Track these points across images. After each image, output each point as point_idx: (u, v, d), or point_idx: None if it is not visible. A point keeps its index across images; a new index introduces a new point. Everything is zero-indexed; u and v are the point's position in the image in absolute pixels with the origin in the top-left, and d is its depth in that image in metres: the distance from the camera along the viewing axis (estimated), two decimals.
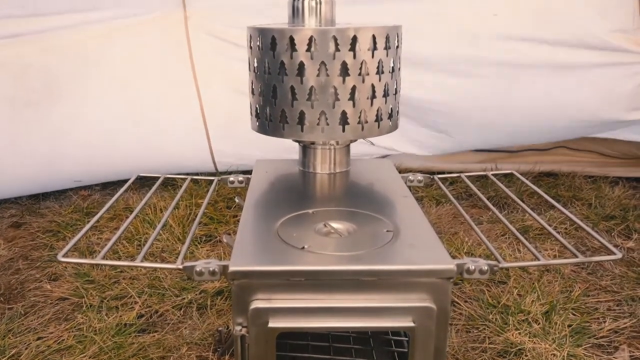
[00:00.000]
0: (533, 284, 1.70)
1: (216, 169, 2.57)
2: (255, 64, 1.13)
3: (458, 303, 1.63)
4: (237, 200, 1.19)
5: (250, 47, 1.14)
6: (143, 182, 2.51)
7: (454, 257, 0.82)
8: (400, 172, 1.24)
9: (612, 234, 2.09)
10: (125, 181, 1.17)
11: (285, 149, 1.81)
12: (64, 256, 0.86)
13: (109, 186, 2.56)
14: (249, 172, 1.27)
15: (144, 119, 2.40)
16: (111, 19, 2.28)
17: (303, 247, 0.86)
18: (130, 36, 2.32)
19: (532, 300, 1.61)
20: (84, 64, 2.31)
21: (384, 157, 2.62)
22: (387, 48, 1.08)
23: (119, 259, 1.89)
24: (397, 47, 1.12)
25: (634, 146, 2.55)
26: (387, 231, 0.92)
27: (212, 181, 1.26)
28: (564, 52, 2.24)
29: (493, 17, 2.21)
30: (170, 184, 2.44)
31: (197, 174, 2.56)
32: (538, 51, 2.26)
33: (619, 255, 0.82)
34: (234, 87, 2.32)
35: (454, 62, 2.30)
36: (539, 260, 0.84)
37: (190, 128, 2.42)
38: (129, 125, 2.39)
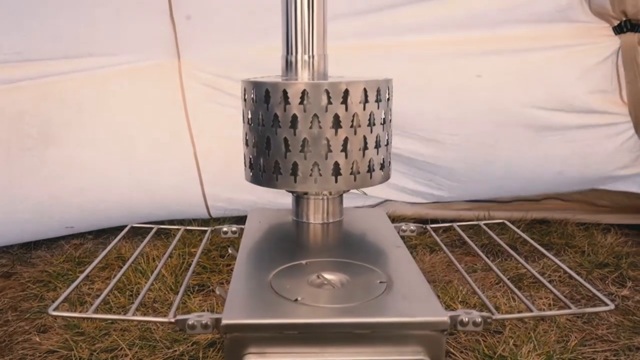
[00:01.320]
0: (529, 333, 1.68)
1: (209, 213, 2.57)
2: (249, 116, 1.15)
3: (454, 354, 1.61)
4: (230, 252, 1.19)
5: (245, 100, 1.16)
6: (136, 230, 2.51)
7: (448, 307, 0.82)
8: (393, 221, 1.25)
9: (606, 281, 2.08)
10: (118, 228, 1.17)
11: (278, 193, 1.82)
12: (54, 310, 0.85)
13: (102, 234, 2.55)
14: (242, 216, 1.27)
15: (138, 164, 2.41)
16: (106, 66, 2.32)
17: (296, 299, 0.86)
18: (125, 83, 2.36)
19: (529, 351, 1.59)
20: (79, 110, 2.34)
21: (376, 205, 2.64)
22: (378, 101, 1.10)
23: (110, 309, 1.87)
24: (388, 99, 1.15)
25: (624, 196, 2.58)
26: (380, 282, 0.92)
27: (205, 230, 1.26)
28: (547, 112, 2.29)
29: (477, 77, 2.26)
30: (163, 232, 2.43)
31: (190, 221, 2.57)
32: (522, 111, 2.31)
33: (612, 307, 0.82)
34: (227, 134, 2.36)
35: (439, 120, 2.35)
36: (532, 311, 0.84)
37: (184, 174, 2.44)
38: (122, 171, 2.40)
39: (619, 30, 2.17)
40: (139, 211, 2.43)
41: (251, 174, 1.18)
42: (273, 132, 1.09)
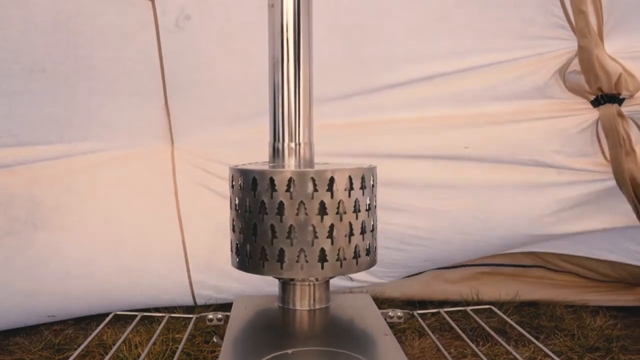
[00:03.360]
0: None
1: (195, 302, 2.52)
2: (237, 202, 1.16)
3: None
4: (215, 340, 1.17)
5: (232, 187, 1.18)
6: (119, 316, 2.45)
7: None
8: (381, 302, 1.24)
9: None
10: (100, 315, 1.15)
11: (266, 282, 1.80)
12: None
13: (83, 320, 2.48)
14: (228, 304, 1.26)
15: (125, 251, 2.39)
16: (99, 150, 2.35)
17: None
18: (116, 168, 2.38)
19: None
20: (69, 193, 2.34)
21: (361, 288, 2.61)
22: (362, 188, 1.13)
23: None
24: (373, 186, 1.17)
25: (609, 266, 2.61)
26: None
27: (190, 317, 1.24)
28: (536, 172, 2.37)
29: (464, 149, 2.34)
30: (146, 317, 2.37)
31: (174, 308, 2.52)
32: (511, 174, 2.37)
33: None
34: (216, 221, 2.35)
35: (431, 187, 2.40)
36: None
37: (171, 262, 2.42)
38: (108, 257, 2.38)
39: (596, 103, 2.28)
40: (123, 298, 2.38)
41: (237, 260, 1.18)
42: (260, 218, 1.10)
